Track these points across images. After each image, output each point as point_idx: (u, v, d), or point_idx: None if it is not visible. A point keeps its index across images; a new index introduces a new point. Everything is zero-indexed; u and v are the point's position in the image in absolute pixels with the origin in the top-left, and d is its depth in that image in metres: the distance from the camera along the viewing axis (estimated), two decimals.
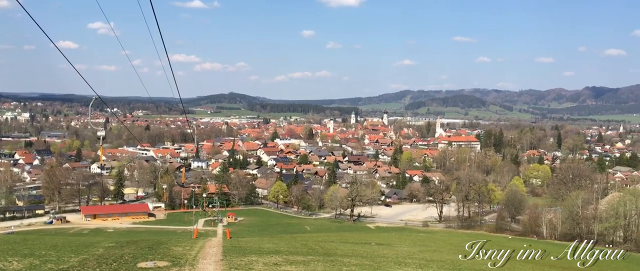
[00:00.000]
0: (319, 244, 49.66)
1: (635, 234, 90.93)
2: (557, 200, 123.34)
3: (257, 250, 35.84)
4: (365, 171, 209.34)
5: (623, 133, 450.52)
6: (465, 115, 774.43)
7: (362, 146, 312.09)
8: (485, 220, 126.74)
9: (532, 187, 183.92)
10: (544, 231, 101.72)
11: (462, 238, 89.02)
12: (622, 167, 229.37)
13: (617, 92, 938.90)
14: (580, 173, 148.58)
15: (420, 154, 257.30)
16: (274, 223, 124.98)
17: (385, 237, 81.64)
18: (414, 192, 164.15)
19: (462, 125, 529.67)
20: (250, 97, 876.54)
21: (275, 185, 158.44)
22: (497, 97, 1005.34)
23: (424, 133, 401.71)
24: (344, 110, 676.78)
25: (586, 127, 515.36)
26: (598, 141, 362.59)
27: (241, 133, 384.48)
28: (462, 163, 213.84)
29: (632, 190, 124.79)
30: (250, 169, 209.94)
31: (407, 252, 48.16)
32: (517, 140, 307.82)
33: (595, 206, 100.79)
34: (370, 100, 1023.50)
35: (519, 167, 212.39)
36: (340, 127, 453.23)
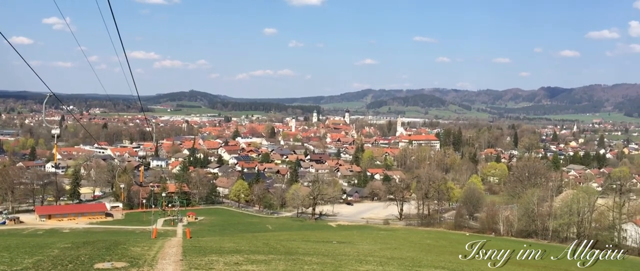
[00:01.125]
0: (281, 243, 49.56)
1: (588, 230, 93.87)
2: (513, 197, 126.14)
3: (217, 249, 35.50)
4: (327, 169, 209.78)
5: (576, 132, 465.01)
6: (426, 114, 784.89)
7: (324, 145, 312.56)
8: (445, 217, 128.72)
9: (490, 185, 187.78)
10: (501, 228, 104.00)
11: (422, 235, 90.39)
12: (575, 165, 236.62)
13: (571, 92, 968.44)
14: (536, 171, 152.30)
15: (382, 153, 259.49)
16: (235, 222, 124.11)
17: (347, 235, 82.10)
18: (375, 190, 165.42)
19: (422, 124, 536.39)
20: (211, 95, 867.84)
21: (237, 184, 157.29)
22: (456, 96, 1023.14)
23: (385, 132, 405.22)
24: (306, 109, 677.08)
25: (541, 126, 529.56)
26: (553, 140, 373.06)
27: (202, 131, 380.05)
28: (422, 162, 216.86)
29: (585, 187, 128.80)
30: (211, 168, 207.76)
31: (368, 250, 48.52)
32: (475, 139, 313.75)
33: (550, 204, 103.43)
34: (332, 99, 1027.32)
35: (477, 166, 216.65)
36: (302, 126, 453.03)
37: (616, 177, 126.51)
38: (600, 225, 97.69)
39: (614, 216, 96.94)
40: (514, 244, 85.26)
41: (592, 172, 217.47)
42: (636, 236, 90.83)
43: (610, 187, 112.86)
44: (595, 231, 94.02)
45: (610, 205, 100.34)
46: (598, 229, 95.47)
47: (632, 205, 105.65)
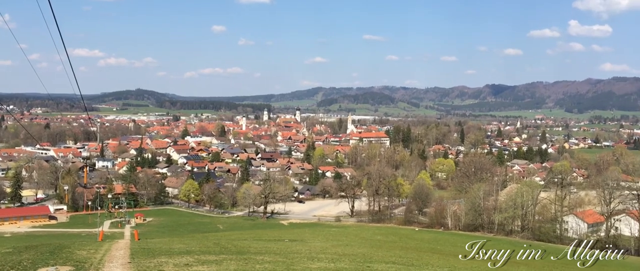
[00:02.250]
0: (232, 242, 49.08)
1: (531, 223, 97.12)
2: (460, 192, 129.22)
3: (167, 250, 34.82)
4: (278, 168, 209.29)
5: (520, 128, 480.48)
6: (375, 111, 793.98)
7: (275, 143, 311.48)
8: (395, 213, 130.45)
9: (438, 181, 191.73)
10: (449, 223, 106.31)
11: (373, 231, 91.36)
12: (519, 160, 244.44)
13: (514, 90, 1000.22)
14: (482, 166, 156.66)
15: (333, 150, 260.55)
16: (185, 222, 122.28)
17: (299, 233, 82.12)
18: (326, 187, 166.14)
19: (372, 121, 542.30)
20: (158, 94, 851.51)
21: (186, 184, 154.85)
22: (405, 94, 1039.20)
23: (336, 129, 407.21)
24: (257, 107, 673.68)
25: (487, 123, 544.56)
26: (497, 136, 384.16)
27: (149, 131, 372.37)
28: (373, 159, 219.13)
29: (528, 181, 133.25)
30: (160, 168, 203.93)
31: (320, 247, 48.63)
32: (423, 135, 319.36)
33: (495, 198, 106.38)
34: (283, 97, 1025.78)
35: (425, 162, 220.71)
36: (253, 124, 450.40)
37: (557, 171, 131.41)
38: (543, 217, 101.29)
39: (556, 209, 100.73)
40: (462, 238, 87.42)
41: (534, 166, 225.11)
42: (577, 228, 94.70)
43: (552, 180, 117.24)
44: (538, 223, 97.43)
45: (552, 198, 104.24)
46: (541, 221, 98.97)
47: (573, 197, 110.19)
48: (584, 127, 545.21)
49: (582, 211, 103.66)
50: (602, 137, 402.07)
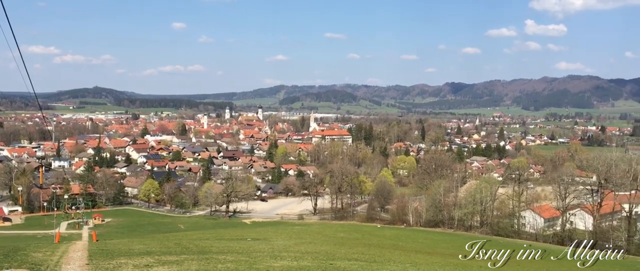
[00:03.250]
0: (193, 242, 48.50)
1: (490, 219, 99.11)
2: (421, 189, 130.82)
3: (126, 251, 34.15)
4: (240, 166, 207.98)
5: (479, 125, 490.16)
6: (338, 109, 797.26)
7: (237, 141, 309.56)
8: (357, 210, 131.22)
9: (400, 178, 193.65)
10: (410, 219, 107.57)
11: (335, 229, 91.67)
12: (478, 156, 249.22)
13: (473, 88, 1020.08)
14: (442, 163, 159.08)
15: (295, 148, 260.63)
16: (145, 223, 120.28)
17: (262, 232, 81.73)
18: (289, 185, 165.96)
19: (334, 119, 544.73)
20: (117, 92, 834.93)
21: (146, 184, 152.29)
22: (367, 92, 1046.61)
23: (299, 127, 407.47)
24: (218, 105, 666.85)
25: (447, 120, 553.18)
26: (457, 133, 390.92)
27: (108, 129, 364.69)
28: (335, 157, 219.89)
29: (487, 178, 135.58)
30: (119, 167, 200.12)
31: (283, 246, 48.52)
32: (385, 133, 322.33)
33: (455, 194, 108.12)
34: (245, 95, 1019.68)
35: (387, 159, 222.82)
36: (215, 122, 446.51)
37: (515, 167, 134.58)
38: (501, 213, 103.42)
39: (514, 205, 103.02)
40: (423, 234, 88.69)
41: (493, 163, 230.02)
42: (534, 223, 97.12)
43: (509, 176, 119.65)
44: (497, 218, 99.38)
45: (510, 193, 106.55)
46: (499, 217, 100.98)
47: (530, 193, 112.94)
48: (540, 124, 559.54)
49: (539, 206, 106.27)
50: (558, 133, 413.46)
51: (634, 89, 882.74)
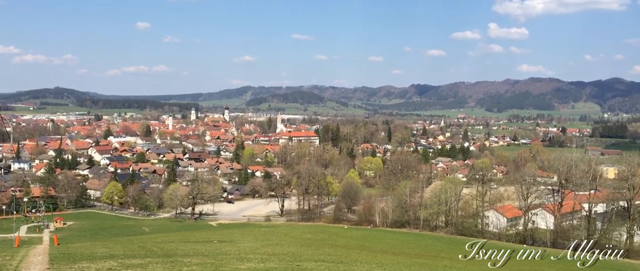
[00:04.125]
0: (158, 245, 47.85)
1: (454, 218, 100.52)
2: (388, 189, 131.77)
3: (88, 255, 33.46)
4: (206, 168, 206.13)
5: (444, 127, 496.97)
6: (305, 111, 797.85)
7: (203, 143, 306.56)
8: (324, 211, 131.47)
9: (367, 179, 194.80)
10: (377, 220, 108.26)
11: (302, 230, 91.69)
12: (443, 157, 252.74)
13: (438, 89, 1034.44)
14: (408, 164, 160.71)
15: (262, 150, 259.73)
16: (109, 226, 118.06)
17: (228, 234, 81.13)
18: (256, 187, 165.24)
19: (301, 120, 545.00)
20: (79, 92, 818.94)
21: (109, 186, 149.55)
22: (334, 93, 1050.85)
23: (266, 129, 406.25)
24: (184, 106, 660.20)
25: (413, 122, 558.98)
26: (423, 134, 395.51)
27: (70, 131, 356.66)
28: (302, 158, 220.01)
29: (451, 178, 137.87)
30: (81, 169, 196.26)
31: (250, 247, 48.27)
32: (352, 134, 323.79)
33: (420, 195, 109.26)
34: (211, 96, 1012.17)
35: (354, 160, 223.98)
36: (180, 124, 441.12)
37: (479, 168, 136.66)
38: (466, 213, 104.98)
39: (478, 204, 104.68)
40: (390, 234, 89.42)
41: (457, 163, 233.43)
42: (497, 222, 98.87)
43: (473, 177, 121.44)
44: (461, 218, 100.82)
45: (474, 194, 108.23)
46: (464, 217, 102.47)
47: (493, 193, 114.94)
48: (503, 125, 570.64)
49: (502, 206, 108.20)
50: (520, 134, 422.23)
51: (593, 91, 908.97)
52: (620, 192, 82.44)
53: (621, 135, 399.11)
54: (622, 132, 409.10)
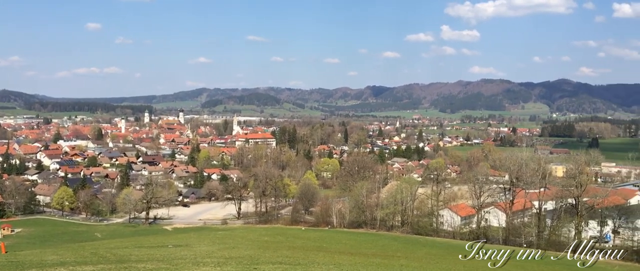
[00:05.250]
0: (111, 251, 46.68)
1: (410, 218, 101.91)
2: (345, 190, 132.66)
3: (38, 263, 32.39)
4: (161, 171, 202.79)
5: (399, 127, 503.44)
6: (261, 112, 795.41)
7: (157, 146, 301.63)
8: (282, 213, 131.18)
9: (324, 180, 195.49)
10: (334, 221, 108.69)
11: (260, 232, 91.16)
12: (398, 158, 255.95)
13: (393, 91, 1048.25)
14: (364, 165, 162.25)
15: (218, 152, 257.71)
16: (59, 232, 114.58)
17: (184, 238, 79.84)
18: (212, 190, 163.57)
19: (258, 122, 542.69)
20: (26, 95, 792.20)
21: (60, 191, 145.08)
22: (290, 95, 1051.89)
23: (222, 131, 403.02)
24: (137, 109, 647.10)
25: (369, 123, 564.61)
26: (379, 135, 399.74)
27: (17, 135, 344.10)
28: (259, 160, 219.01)
29: (407, 178, 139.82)
30: (30, 174, 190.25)
31: (206, 251, 47.67)
32: (309, 136, 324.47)
33: (377, 195, 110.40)
34: (165, 98, 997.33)
35: (311, 162, 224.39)
36: (133, 127, 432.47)
37: (433, 168, 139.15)
38: (421, 212, 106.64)
39: (433, 204, 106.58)
40: (347, 235, 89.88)
41: (413, 163, 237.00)
42: (451, 221, 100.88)
43: (428, 177, 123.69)
44: (416, 218, 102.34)
45: (429, 193, 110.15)
46: (419, 216, 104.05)
47: (447, 192, 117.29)
48: (456, 125, 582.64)
49: (456, 205, 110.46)
50: (473, 135, 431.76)
51: (541, 92, 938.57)
52: (568, 189, 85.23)
53: (569, 134, 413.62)
54: (569, 131, 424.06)
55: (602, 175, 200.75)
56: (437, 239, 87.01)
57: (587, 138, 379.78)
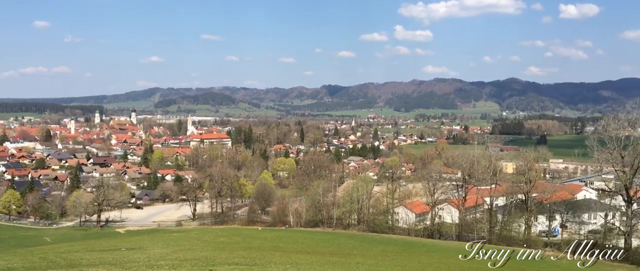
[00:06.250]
0: (61, 255, 45.40)
1: (366, 216, 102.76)
2: (301, 190, 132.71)
3: None
4: (113, 173, 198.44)
5: (355, 126, 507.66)
6: (216, 112, 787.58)
7: (108, 147, 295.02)
8: (238, 214, 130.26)
9: (280, 179, 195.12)
10: (291, 220, 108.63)
11: (216, 233, 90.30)
12: (354, 157, 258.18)
13: (349, 90, 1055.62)
14: (321, 164, 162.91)
15: (172, 153, 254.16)
16: (6, 237, 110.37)
17: (137, 241, 78.35)
18: (166, 191, 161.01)
19: (213, 122, 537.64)
20: None
21: (6, 194, 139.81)
22: (246, 94, 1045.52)
23: (176, 131, 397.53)
24: (87, 109, 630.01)
25: (325, 122, 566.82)
26: (335, 134, 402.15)
27: None
28: (215, 160, 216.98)
29: (363, 177, 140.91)
30: None
31: (160, 254, 46.93)
32: (265, 135, 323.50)
33: (333, 194, 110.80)
34: (117, 98, 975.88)
35: (267, 161, 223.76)
36: (84, 127, 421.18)
37: (388, 166, 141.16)
38: (377, 210, 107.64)
39: (388, 202, 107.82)
40: (303, 234, 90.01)
41: (368, 162, 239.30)
42: (406, 218, 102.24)
43: (384, 175, 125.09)
44: (372, 216, 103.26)
45: (384, 191, 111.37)
46: (375, 214, 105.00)
47: (402, 190, 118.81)
48: (410, 124, 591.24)
49: (411, 202, 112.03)
50: (426, 133, 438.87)
51: (492, 91, 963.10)
52: (518, 185, 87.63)
53: (518, 132, 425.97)
54: (519, 129, 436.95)
55: (550, 171, 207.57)
56: (393, 236, 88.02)
57: (536, 135, 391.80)
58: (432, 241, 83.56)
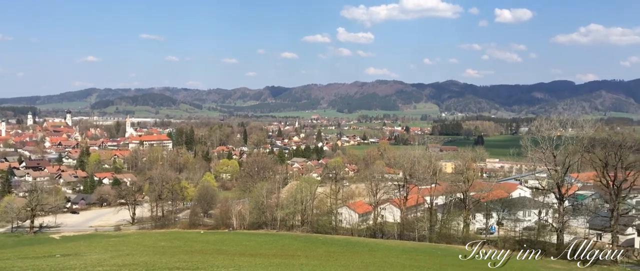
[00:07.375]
0: None
1: (310, 217, 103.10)
2: (245, 192, 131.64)
3: None
4: (47, 177, 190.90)
5: (298, 128, 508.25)
6: (157, 113, 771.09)
7: (42, 149, 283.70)
8: (180, 217, 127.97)
9: (223, 182, 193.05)
10: (234, 223, 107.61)
11: (156, 237, 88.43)
12: (298, 158, 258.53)
13: (292, 91, 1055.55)
14: (264, 165, 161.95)
15: (110, 155, 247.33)
16: None
17: (73, 247, 75.65)
18: (104, 195, 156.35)
19: (153, 124, 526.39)
20: None
21: None
22: (187, 95, 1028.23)
23: (114, 133, 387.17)
24: (19, 110, 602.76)
25: (268, 123, 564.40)
26: (278, 136, 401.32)
27: None
28: (155, 163, 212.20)
29: (306, 178, 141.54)
30: None
31: (97, 260, 45.43)
32: (207, 137, 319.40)
33: (277, 195, 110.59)
34: (51, 99, 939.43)
35: (210, 163, 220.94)
36: (15, 129, 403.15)
37: (332, 167, 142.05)
38: (320, 210, 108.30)
39: (331, 202, 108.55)
40: (247, 237, 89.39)
41: (312, 163, 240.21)
42: (349, 218, 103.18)
43: (327, 176, 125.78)
44: (316, 217, 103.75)
45: (328, 192, 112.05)
46: (318, 215, 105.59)
47: (346, 191, 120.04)
48: (353, 125, 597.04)
49: (354, 202, 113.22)
50: (369, 134, 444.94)
51: (432, 93, 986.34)
52: (457, 184, 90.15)
53: (456, 132, 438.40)
54: (457, 129, 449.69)
55: (487, 170, 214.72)
56: (336, 237, 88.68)
57: (473, 136, 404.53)
58: (375, 240, 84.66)
